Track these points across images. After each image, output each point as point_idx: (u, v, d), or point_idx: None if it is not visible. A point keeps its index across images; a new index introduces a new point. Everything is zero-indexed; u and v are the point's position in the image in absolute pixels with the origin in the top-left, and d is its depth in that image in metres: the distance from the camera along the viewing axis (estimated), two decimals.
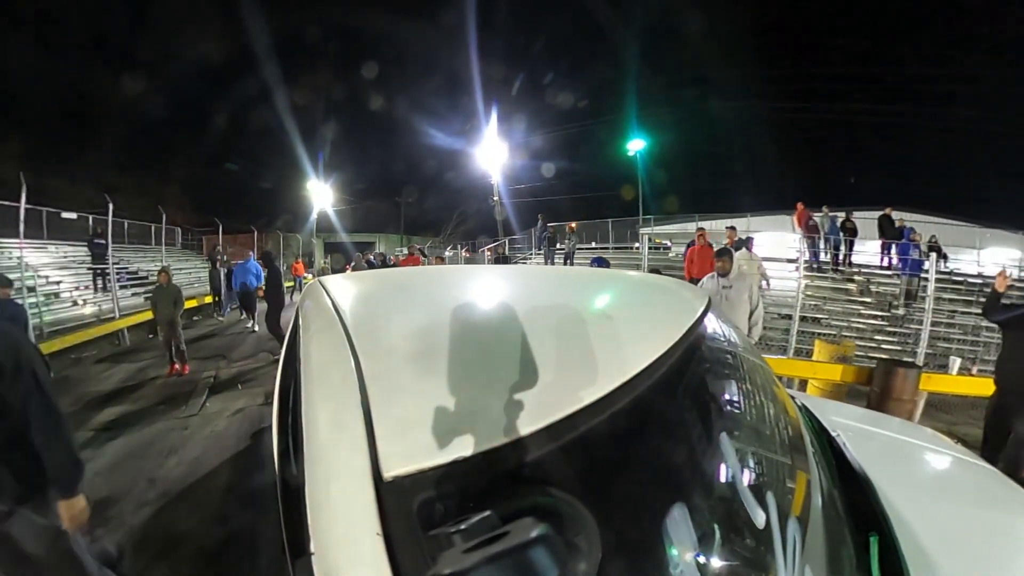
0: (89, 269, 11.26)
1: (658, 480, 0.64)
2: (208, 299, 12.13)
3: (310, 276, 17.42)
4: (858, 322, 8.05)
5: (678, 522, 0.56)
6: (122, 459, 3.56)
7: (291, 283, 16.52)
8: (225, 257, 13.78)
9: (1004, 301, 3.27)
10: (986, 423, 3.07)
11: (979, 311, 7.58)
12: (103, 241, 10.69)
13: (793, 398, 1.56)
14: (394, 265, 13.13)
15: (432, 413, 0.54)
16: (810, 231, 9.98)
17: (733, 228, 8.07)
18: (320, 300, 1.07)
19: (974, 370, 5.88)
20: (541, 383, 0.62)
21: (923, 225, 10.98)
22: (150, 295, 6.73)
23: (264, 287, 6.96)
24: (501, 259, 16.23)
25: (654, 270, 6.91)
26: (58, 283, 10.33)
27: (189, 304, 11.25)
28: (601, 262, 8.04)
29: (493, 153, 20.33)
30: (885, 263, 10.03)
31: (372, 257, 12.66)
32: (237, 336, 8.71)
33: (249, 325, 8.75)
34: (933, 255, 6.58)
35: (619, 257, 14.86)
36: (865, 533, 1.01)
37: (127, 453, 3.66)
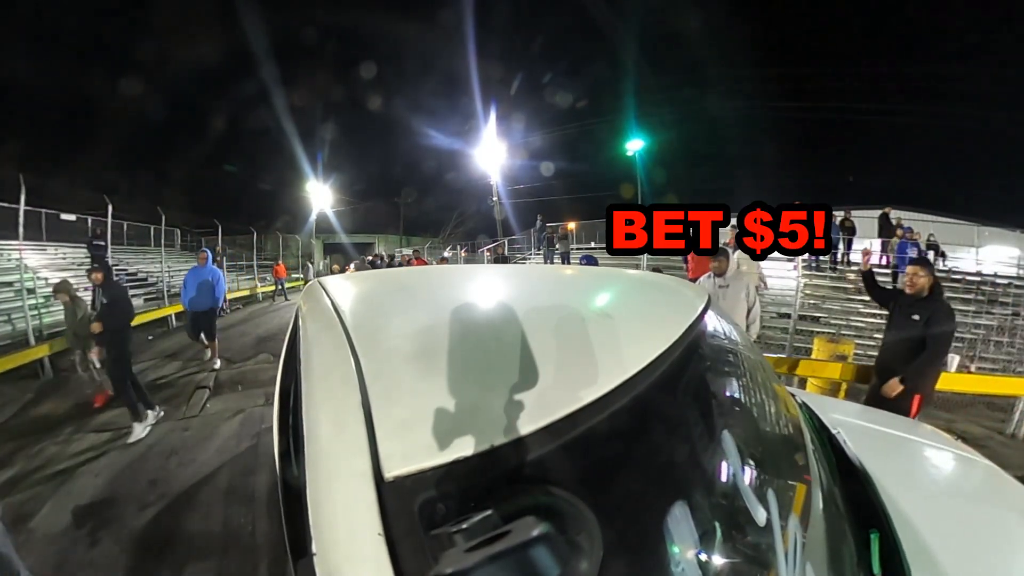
0: (88, 271, 11.23)
1: (659, 478, 0.64)
2: None
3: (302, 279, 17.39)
4: (857, 320, 8.06)
5: (679, 520, 0.56)
6: (122, 460, 3.55)
7: (272, 287, 16.62)
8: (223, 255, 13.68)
9: (883, 283, 3.47)
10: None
11: (975, 309, 7.64)
12: (102, 243, 10.68)
13: (793, 395, 1.57)
14: (399, 265, 13.09)
15: (433, 413, 0.54)
16: None
17: (734, 227, 8.08)
18: (320, 300, 1.07)
19: (972, 367, 5.90)
20: (541, 382, 0.62)
21: (922, 223, 10.98)
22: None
23: (100, 317, 4.09)
24: (500, 259, 16.21)
25: (656, 269, 6.91)
26: None
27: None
28: (590, 260, 8.03)
29: (492, 153, 20.32)
30: (884, 262, 10.05)
31: (374, 259, 12.58)
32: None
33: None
34: (931, 253, 6.58)
35: (618, 256, 14.86)
36: (866, 530, 1.01)
37: (127, 454, 3.66)
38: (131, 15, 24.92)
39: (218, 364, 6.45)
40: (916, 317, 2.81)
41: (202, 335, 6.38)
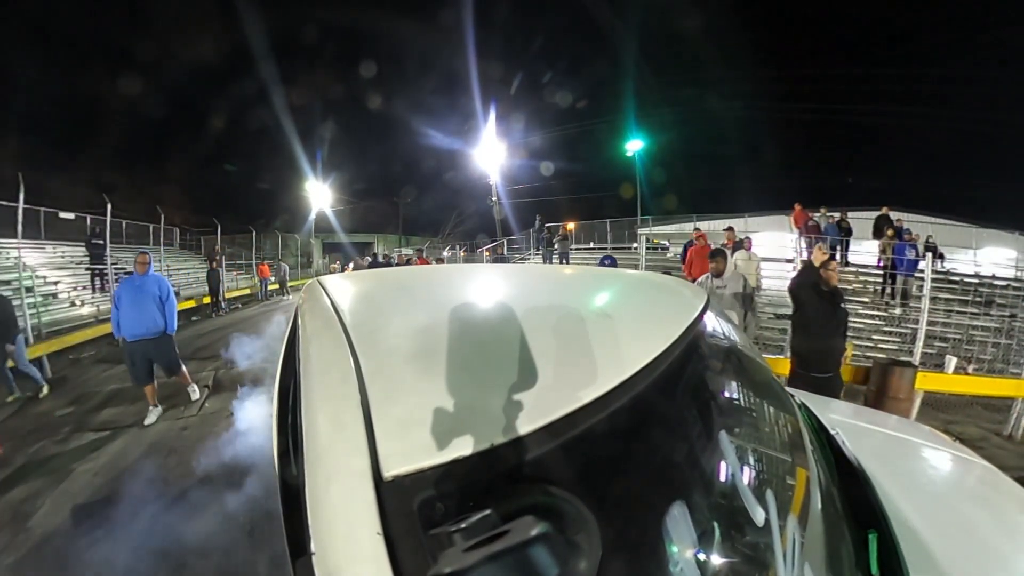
0: (87, 269, 11.24)
1: (658, 478, 0.64)
2: (207, 299, 12.49)
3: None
4: (855, 321, 8.06)
5: (678, 520, 0.56)
6: (121, 459, 3.55)
7: (275, 285, 16.73)
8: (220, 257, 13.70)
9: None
10: None
11: (975, 311, 7.66)
12: (101, 241, 10.67)
13: (792, 395, 1.57)
14: (398, 265, 13.10)
15: (432, 412, 0.54)
16: (809, 231, 10.01)
17: (731, 229, 8.12)
18: (319, 300, 1.07)
19: (970, 369, 5.91)
20: (541, 382, 0.62)
21: (920, 225, 11.02)
22: None
23: None
24: (500, 259, 16.22)
25: (666, 272, 6.91)
26: (56, 283, 10.30)
27: (186, 305, 11.36)
28: (611, 261, 7.99)
29: (492, 153, 20.32)
30: (879, 263, 10.06)
31: (371, 258, 12.60)
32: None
33: None
34: (929, 255, 6.60)
35: (617, 257, 14.88)
36: (864, 530, 1.01)
37: (126, 453, 3.65)
38: (130, 13, 24.89)
39: (196, 395, 4.96)
40: (842, 305, 3.21)
41: (155, 377, 4.48)
